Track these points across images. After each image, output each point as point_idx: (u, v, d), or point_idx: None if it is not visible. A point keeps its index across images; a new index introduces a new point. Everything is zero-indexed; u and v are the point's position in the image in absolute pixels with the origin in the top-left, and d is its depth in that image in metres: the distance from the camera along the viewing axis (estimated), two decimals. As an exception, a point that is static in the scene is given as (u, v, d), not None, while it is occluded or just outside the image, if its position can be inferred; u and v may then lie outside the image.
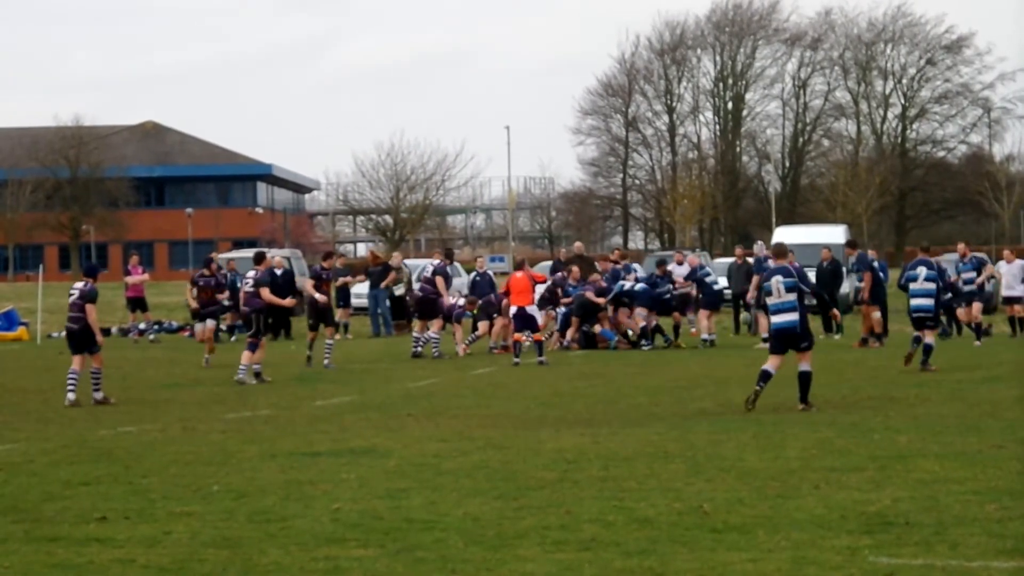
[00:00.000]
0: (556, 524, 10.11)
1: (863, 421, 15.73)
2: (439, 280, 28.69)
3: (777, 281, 17.30)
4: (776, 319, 17.39)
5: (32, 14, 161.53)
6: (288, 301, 25.56)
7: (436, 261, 30.18)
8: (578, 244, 37.30)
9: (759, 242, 35.28)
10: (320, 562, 9.14)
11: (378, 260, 38.58)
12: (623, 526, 10.01)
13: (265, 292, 23.76)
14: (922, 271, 22.98)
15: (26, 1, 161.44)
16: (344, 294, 35.35)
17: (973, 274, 30.91)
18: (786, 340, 17.25)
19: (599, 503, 10.87)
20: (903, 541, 9.35)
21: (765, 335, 29.43)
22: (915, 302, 22.92)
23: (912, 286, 22.96)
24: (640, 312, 30.28)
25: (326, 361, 25.42)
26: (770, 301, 17.47)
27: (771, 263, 19.25)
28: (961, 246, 32.42)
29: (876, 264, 32.24)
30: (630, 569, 8.79)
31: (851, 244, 33.95)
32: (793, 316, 17.17)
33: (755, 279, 29.69)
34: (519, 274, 27.75)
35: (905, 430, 14.79)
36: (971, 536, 9.44)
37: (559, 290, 30.92)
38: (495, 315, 30.01)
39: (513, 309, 27.23)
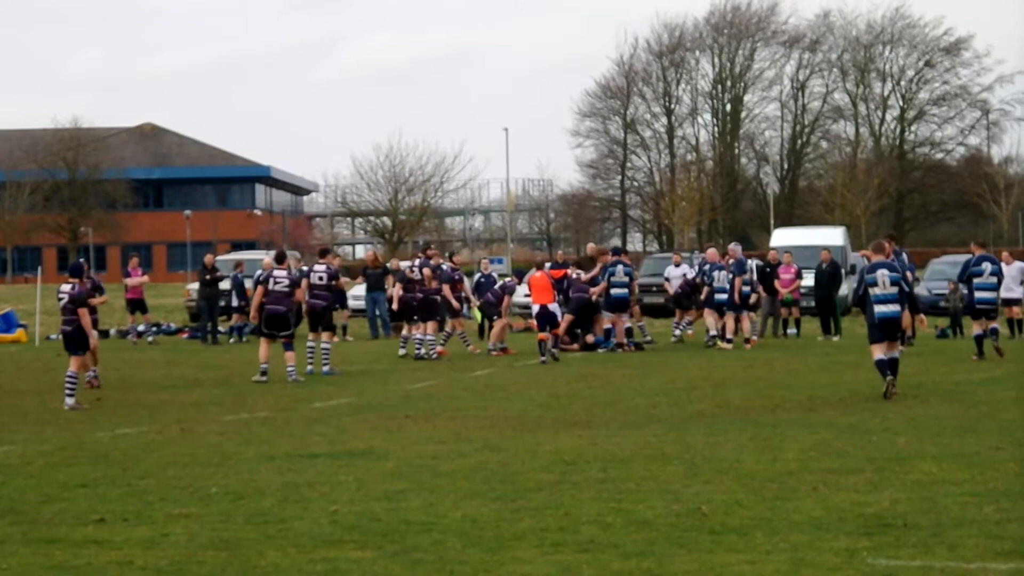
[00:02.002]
0: (554, 526, 10.11)
1: (861, 423, 15.73)
2: (426, 272, 28.46)
3: (883, 274, 18.67)
4: (881, 308, 18.56)
5: (32, 14, 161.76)
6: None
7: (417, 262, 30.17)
8: (591, 246, 37.20)
9: (736, 244, 34.90)
10: (318, 564, 9.14)
11: (377, 263, 38.53)
12: (621, 528, 10.01)
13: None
14: (987, 266, 25.37)
15: (26, 1, 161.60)
16: (341, 296, 35.25)
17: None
18: (888, 328, 18.51)
19: (597, 505, 10.87)
20: (901, 543, 9.36)
21: (713, 333, 29.71)
22: (980, 295, 25.22)
23: (977, 280, 25.24)
24: (607, 314, 30.15)
25: (326, 367, 25.22)
26: (874, 292, 18.61)
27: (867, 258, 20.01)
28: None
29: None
30: (628, 571, 8.79)
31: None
32: (896, 307, 18.52)
33: (737, 280, 29.82)
34: (538, 273, 27.74)
35: (903, 432, 14.79)
36: (969, 537, 9.45)
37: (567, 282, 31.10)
38: (495, 316, 30.00)
39: (535, 308, 27.20)
